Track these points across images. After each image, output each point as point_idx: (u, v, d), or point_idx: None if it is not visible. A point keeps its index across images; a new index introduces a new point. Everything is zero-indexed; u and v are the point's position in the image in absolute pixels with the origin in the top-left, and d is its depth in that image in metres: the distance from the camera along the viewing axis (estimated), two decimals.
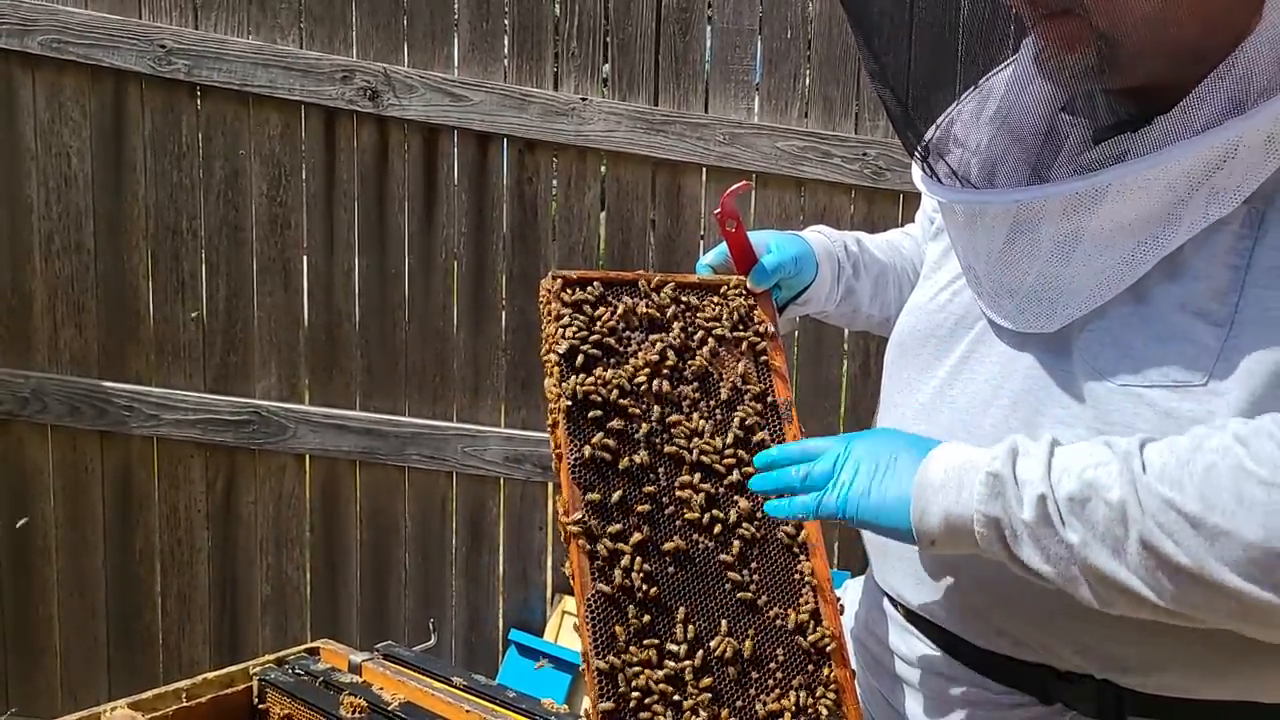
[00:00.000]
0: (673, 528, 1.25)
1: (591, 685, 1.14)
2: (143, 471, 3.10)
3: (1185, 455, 0.94)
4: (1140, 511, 0.93)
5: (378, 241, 3.07)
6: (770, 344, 1.43)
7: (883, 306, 1.64)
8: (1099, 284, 1.08)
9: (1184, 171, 1.01)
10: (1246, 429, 0.94)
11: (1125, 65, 1.05)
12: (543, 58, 3.03)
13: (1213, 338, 1.02)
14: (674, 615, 1.19)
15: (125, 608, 3.15)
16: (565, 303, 1.33)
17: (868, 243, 1.64)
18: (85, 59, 2.90)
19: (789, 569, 1.27)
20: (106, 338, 3.04)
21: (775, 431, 1.36)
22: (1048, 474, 0.98)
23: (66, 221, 3.00)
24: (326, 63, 2.95)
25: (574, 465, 1.23)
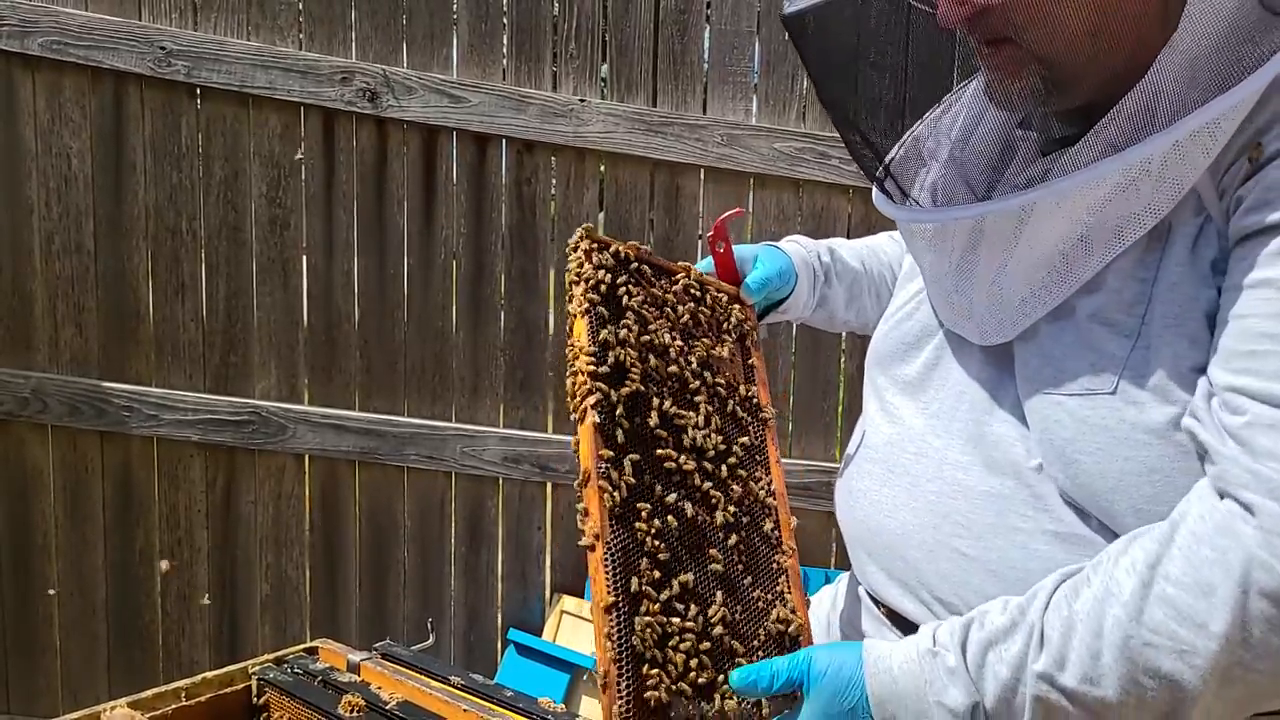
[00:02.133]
0: (681, 494, 1.27)
1: (600, 630, 1.15)
2: (142, 471, 3.11)
3: (1092, 644, 0.98)
4: (1084, 709, 0.99)
5: (377, 242, 3.08)
6: (756, 354, 1.48)
7: (859, 312, 1.69)
8: (1031, 300, 1.13)
9: (1091, 196, 1.05)
10: (1130, 592, 0.97)
11: (1067, 87, 1.09)
12: (541, 59, 3.04)
13: (1120, 348, 1.06)
14: (675, 576, 1.21)
15: (125, 607, 3.16)
16: (598, 264, 1.34)
17: (842, 251, 1.68)
18: (85, 60, 2.91)
19: (769, 558, 1.31)
20: (106, 338, 3.05)
21: (758, 436, 1.40)
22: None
23: (66, 222, 3.01)
24: (326, 64, 2.95)
25: (600, 414, 1.24)
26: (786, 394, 3.12)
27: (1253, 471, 0.92)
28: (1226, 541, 0.92)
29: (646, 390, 1.29)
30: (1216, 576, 0.91)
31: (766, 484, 1.36)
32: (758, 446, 1.39)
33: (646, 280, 1.40)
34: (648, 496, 1.23)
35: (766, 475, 1.37)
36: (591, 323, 1.28)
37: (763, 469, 1.38)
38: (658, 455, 1.26)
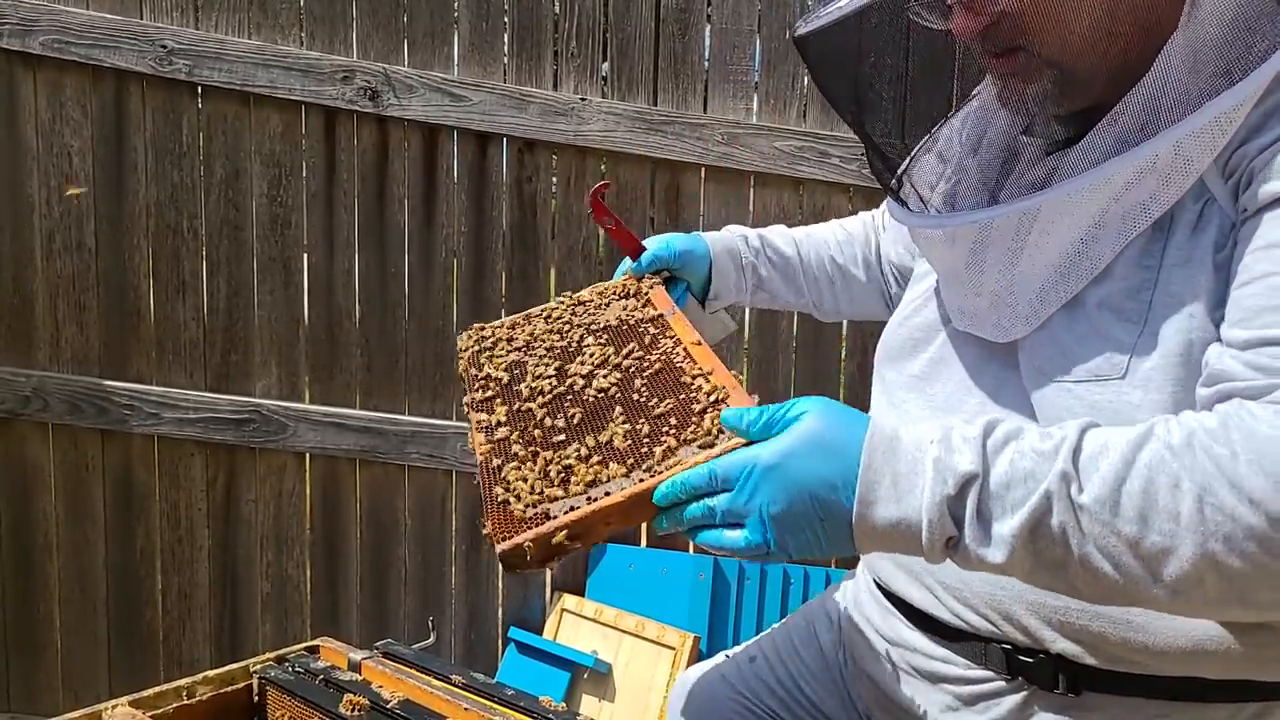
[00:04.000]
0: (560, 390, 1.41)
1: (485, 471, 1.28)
2: (143, 470, 3.11)
3: (1120, 469, 0.95)
4: (1082, 536, 0.96)
5: (378, 241, 3.08)
6: (675, 317, 1.53)
7: (798, 293, 1.78)
8: (1042, 297, 1.15)
9: (1101, 194, 1.08)
10: (1179, 436, 0.95)
11: (1078, 88, 1.12)
12: (542, 58, 3.04)
13: (1127, 334, 1.09)
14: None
15: (126, 606, 3.16)
16: (481, 349, 1.58)
17: (773, 236, 1.76)
18: (86, 59, 2.91)
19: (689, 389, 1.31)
20: (107, 336, 3.05)
21: (672, 354, 1.43)
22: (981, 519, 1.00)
23: (68, 221, 3.01)
24: (327, 63, 2.96)
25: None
26: (787, 392, 3.13)
27: None
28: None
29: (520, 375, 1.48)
30: (1268, 447, 0.90)
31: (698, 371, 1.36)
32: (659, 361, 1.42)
33: (509, 338, 1.59)
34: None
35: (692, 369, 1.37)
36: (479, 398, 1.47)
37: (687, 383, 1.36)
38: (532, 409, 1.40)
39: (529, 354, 1.55)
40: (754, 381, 3.13)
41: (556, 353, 1.52)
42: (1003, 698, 1.22)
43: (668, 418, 1.26)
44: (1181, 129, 1.04)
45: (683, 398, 1.29)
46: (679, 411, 1.26)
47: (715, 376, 1.31)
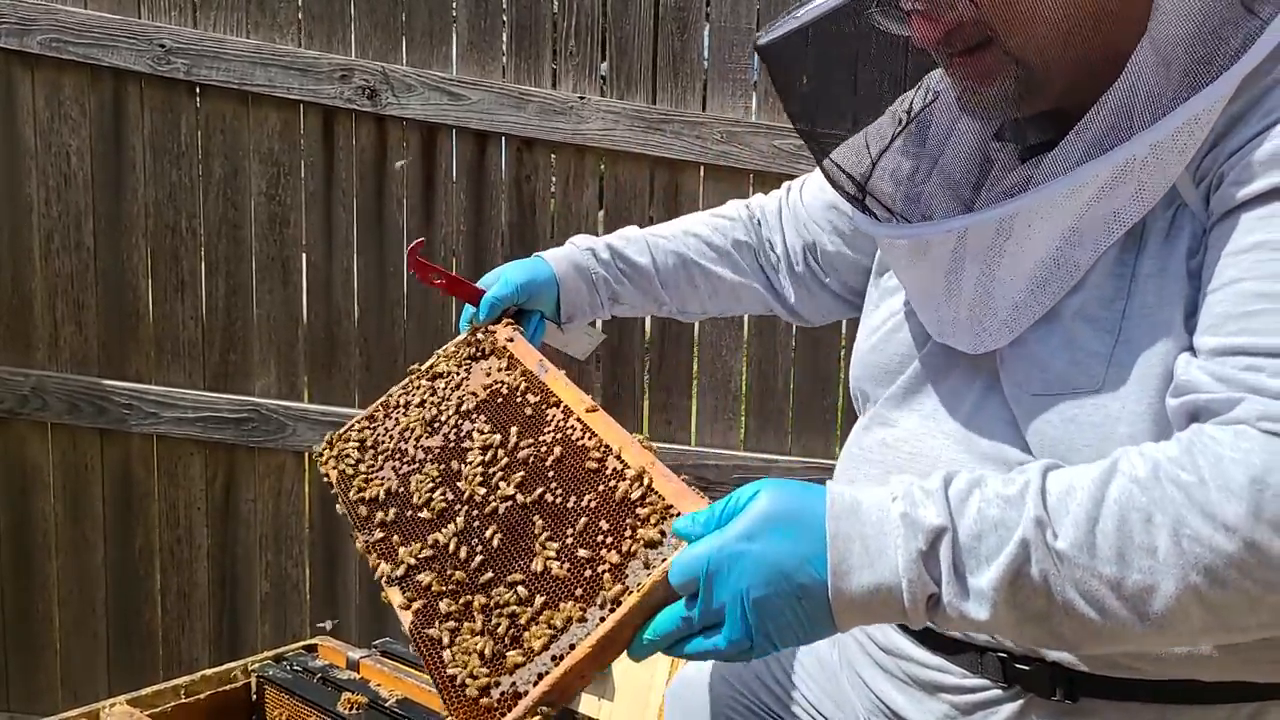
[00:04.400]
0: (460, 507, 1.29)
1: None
2: (142, 469, 3.11)
3: (1091, 510, 0.94)
4: (1063, 582, 0.94)
5: (376, 240, 3.08)
6: (532, 384, 1.40)
7: (657, 303, 1.73)
8: (1020, 305, 1.13)
9: (1077, 200, 1.06)
10: (1144, 469, 0.94)
11: (1039, 88, 1.11)
12: (541, 56, 3.03)
13: (1103, 345, 1.08)
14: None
15: (125, 605, 3.16)
16: (344, 467, 1.47)
17: (625, 246, 1.71)
18: (85, 58, 2.91)
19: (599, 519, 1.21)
20: (106, 336, 3.05)
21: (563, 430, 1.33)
22: (957, 578, 0.97)
23: (66, 220, 3.01)
24: (325, 62, 2.95)
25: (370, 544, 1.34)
26: (786, 392, 3.12)
27: (1269, 412, 0.92)
28: (1249, 445, 0.91)
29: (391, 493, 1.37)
30: (1234, 471, 0.90)
31: (593, 445, 1.27)
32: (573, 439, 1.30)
33: (374, 443, 1.48)
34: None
35: (589, 443, 1.28)
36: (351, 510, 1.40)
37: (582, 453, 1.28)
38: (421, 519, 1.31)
39: (404, 461, 1.40)
40: (754, 381, 3.13)
41: (436, 453, 1.38)
42: (1000, 706, 1.21)
43: (596, 521, 1.17)
44: (1156, 132, 1.03)
45: (602, 489, 1.20)
46: (605, 510, 1.17)
47: (623, 451, 1.22)
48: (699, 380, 3.17)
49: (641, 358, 3.13)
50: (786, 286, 1.71)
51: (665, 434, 3.15)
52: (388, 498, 1.37)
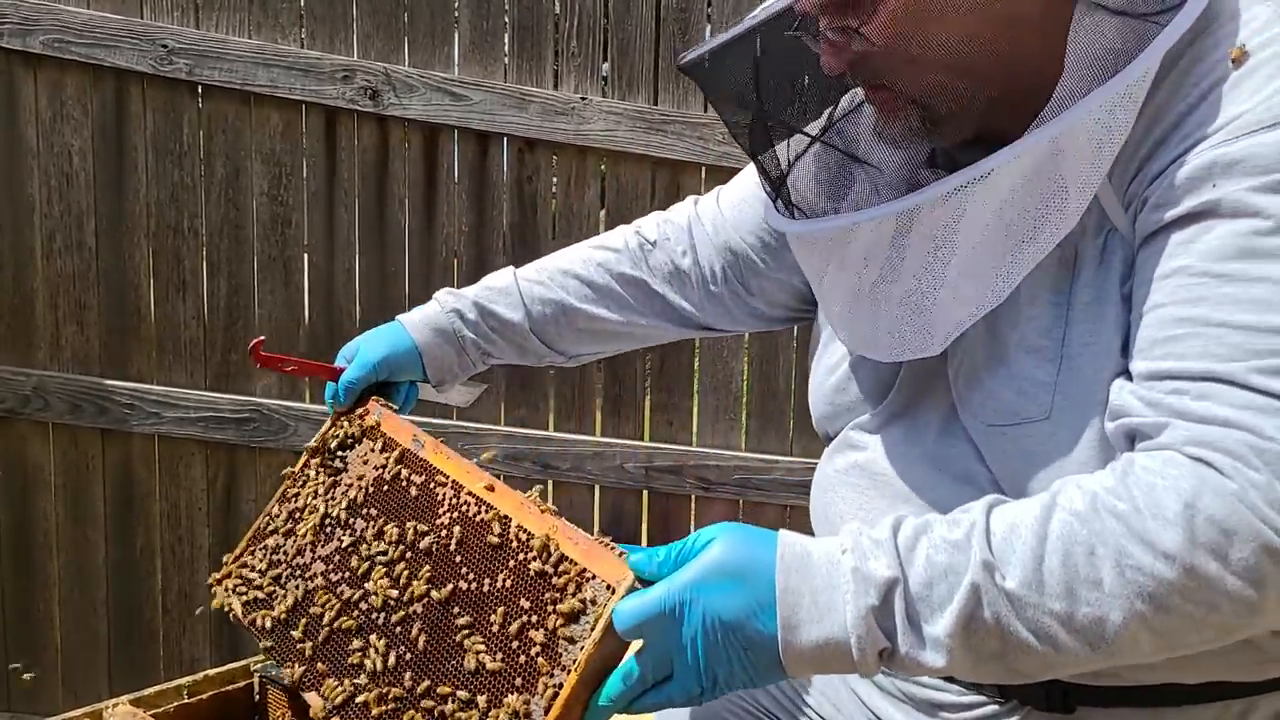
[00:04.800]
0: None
1: None
2: (144, 469, 3.11)
3: (1036, 548, 0.95)
4: (1015, 622, 0.95)
5: (378, 240, 3.08)
6: (414, 465, 1.37)
7: (537, 357, 1.64)
8: (943, 312, 1.13)
9: (987, 193, 1.05)
10: (1082, 502, 0.96)
11: (945, 123, 1.12)
12: (542, 57, 3.04)
13: (1047, 374, 1.09)
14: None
15: (126, 605, 3.16)
16: (244, 601, 1.44)
17: (494, 301, 1.59)
18: (87, 58, 2.91)
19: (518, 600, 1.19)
20: (108, 336, 3.05)
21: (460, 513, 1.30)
22: (912, 629, 0.98)
23: (68, 220, 3.01)
24: (327, 62, 2.96)
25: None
26: (788, 392, 3.12)
27: (1195, 436, 0.94)
28: (1177, 471, 0.93)
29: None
30: (1167, 499, 0.92)
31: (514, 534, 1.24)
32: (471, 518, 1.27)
33: (271, 565, 1.44)
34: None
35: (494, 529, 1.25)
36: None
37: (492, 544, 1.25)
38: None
39: (306, 578, 1.36)
40: (755, 381, 3.14)
41: (337, 562, 1.34)
42: (998, 719, 1.22)
43: (516, 602, 1.15)
44: (1057, 125, 1.02)
45: (513, 565, 1.18)
46: (522, 587, 1.16)
47: (522, 519, 1.20)
48: (700, 380, 3.17)
49: (642, 358, 3.13)
50: (699, 306, 1.59)
51: (666, 434, 3.16)
52: (301, 622, 1.33)
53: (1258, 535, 0.90)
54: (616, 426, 3.17)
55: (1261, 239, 0.96)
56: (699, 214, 1.59)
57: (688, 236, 1.58)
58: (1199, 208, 0.99)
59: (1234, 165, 0.98)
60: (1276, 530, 0.90)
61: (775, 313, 1.57)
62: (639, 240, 1.61)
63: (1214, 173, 0.99)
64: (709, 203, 1.59)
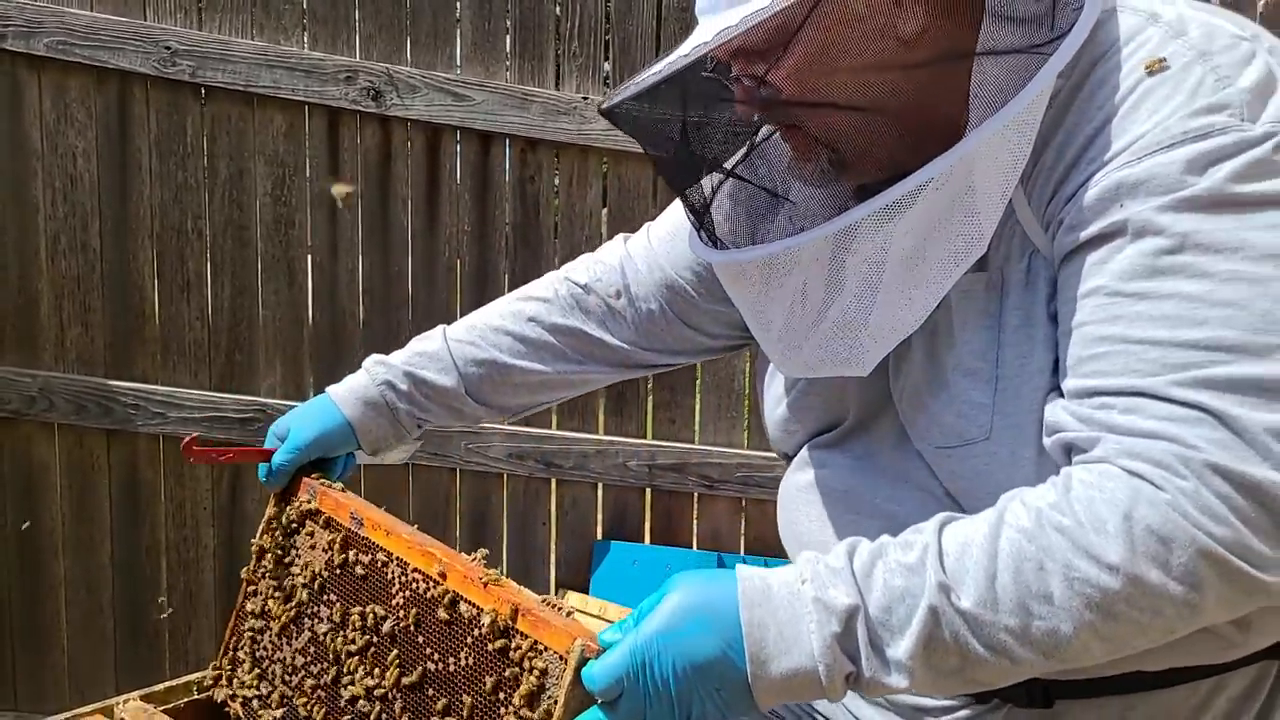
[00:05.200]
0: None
1: None
2: (149, 469, 3.13)
3: (987, 566, 0.99)
4: (972, 639, 0.99)
5: (381, 241, 3.09)
6: (360, 546, 1.37)
7: (474, 418, 1.63)
8: (890, 324, 1.15)
9: (929, 198, 1.09)
10: (1028, 518, 1.00)
11: (854, 164, 1.17)
12: (544, 57, 3.05)
13: (984, 395, 1.13)
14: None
15: (132, 604, 3.18)
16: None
17: (424, 367, 1.56)
18: (91, 60, 2.93)
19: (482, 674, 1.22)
20: (113, 337, 3.06)
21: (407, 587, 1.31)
22: (876, 651, 1.01)
23: (73, 221, 3.02)
24: (330, 63, 2.97)
25: None
26: None
27: (1125, 449, 0.98)
28: (1113, 484, 0.97)
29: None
30: (1106, 512, 0.96)
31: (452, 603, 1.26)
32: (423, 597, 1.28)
33: (256, 678, 1.44)
34: None
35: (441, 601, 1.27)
36: None
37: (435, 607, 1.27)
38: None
39: (288, 676, 1.39)
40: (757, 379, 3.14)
41: (313, 655, 1.37)
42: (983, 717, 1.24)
43: (480, 680, 1.18)
44: (955, 154, 1.07)
45: (471, 642, 1.20)
46: (484, 664, 1.18)
47: (467, 591, 1.21)
48: (702, 379, 3.18)
49: None
50: (637, 345, 1.58)
51: (669, 433, 3.17)
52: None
53: (1193, 540, 0.94)
54: (619, 425, 3.18)
55: (1168, 257, 1.00)
56: (630, 253, 1.58)
57: (620, 276, 1.56)
58: (1109, 228, 1.04)
59: (1138, 186, 1.02)
60: (1209, 534, 0.94)
61: (715, 343, 1.58)
62: (569, 287, 1.59)
63: (1120, 194, 1.03)
64: (640, 241, 1.59)
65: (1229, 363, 0.97)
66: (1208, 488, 0.94)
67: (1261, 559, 0.94)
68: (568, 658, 1.09)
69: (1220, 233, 0.99)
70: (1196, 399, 0.96)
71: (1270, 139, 1.01)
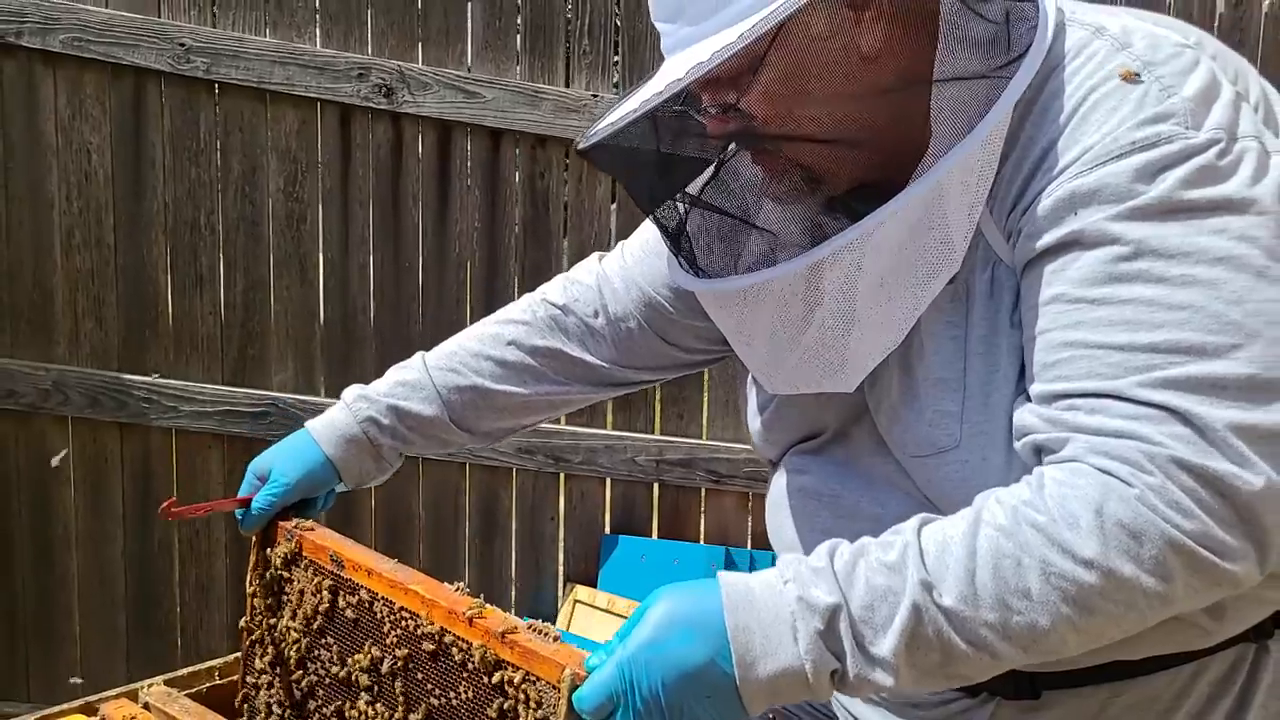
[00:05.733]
0: None
1: None
2: (162, 463, 3.15)
3: (967, 563, 1.02)
4: (955, 635, 1.02)
5: (392, 236, 3.12)
6: (347, 588, 1.38)
7: (460, 445, 1.64)
8: (872, 342, 1.19)
9: (903, 224, 1.13)
10: (1005, 516, 1.03)
11: (826, 179, 1.20)
12: (554, 55, 3.07)
13: (954, 404, 1.17)
14: None
15: (144, 598, 3.20)
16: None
17: (406, 399, 1.56)
18: (106, 57, 2.95)
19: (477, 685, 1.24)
20: (126, 331, 3.09)
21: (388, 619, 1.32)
22: (858, 649, 1.03)
23: (87, 216, 3.05)
24: (342, 60, 2.99)
25: None
26: None
27: (1093, 448, 1.02)
28: (1084, 481, 1.00)
29: None
30: (1078, 508, 0.99)
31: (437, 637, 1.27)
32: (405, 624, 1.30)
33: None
34: None
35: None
36: None
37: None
38: None
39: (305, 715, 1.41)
40: None
41: (322, 699, 1.40)
42: (973, 714, 1.27)
43: (483, 711, 1.19)
44: (928, 180, 1.11)
45: (467, 676, 1.22)
46: (483, 695, 1.20)
47: (453, 627, 1.23)
48: (710, 375, 3.21)
49: None
50: (617, 363, 1.57)
51: (677, 428, 3.19)
52: None
53: (1162, 533, 0.98)
54: (628, 420, 3.21)
55: (1124, 264, 1.05)
56: (606, 272, 1.57)
57: (597, 296, 1.56)
58: (1066, 237, 1.08)
59: (1091, 195, 1.06)
60: (1177, 527, 0.97)
61: (694, 358, 1.59)
62: (546, 309, 1.58)
63: (1074, 203, 1.07)
64: (615, 260, 1.58)
65: (1187, 363, 1.01)
66: (1174, 482, 0.98)
67: (1226, 549, 0.98)
68: (559, 686, 1.11)
69: (1172, 239, 1.03)
70: (1159, 399, 1.00)
71: (1214, 145, 1.05)
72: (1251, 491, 0.98)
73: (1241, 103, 1.11)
